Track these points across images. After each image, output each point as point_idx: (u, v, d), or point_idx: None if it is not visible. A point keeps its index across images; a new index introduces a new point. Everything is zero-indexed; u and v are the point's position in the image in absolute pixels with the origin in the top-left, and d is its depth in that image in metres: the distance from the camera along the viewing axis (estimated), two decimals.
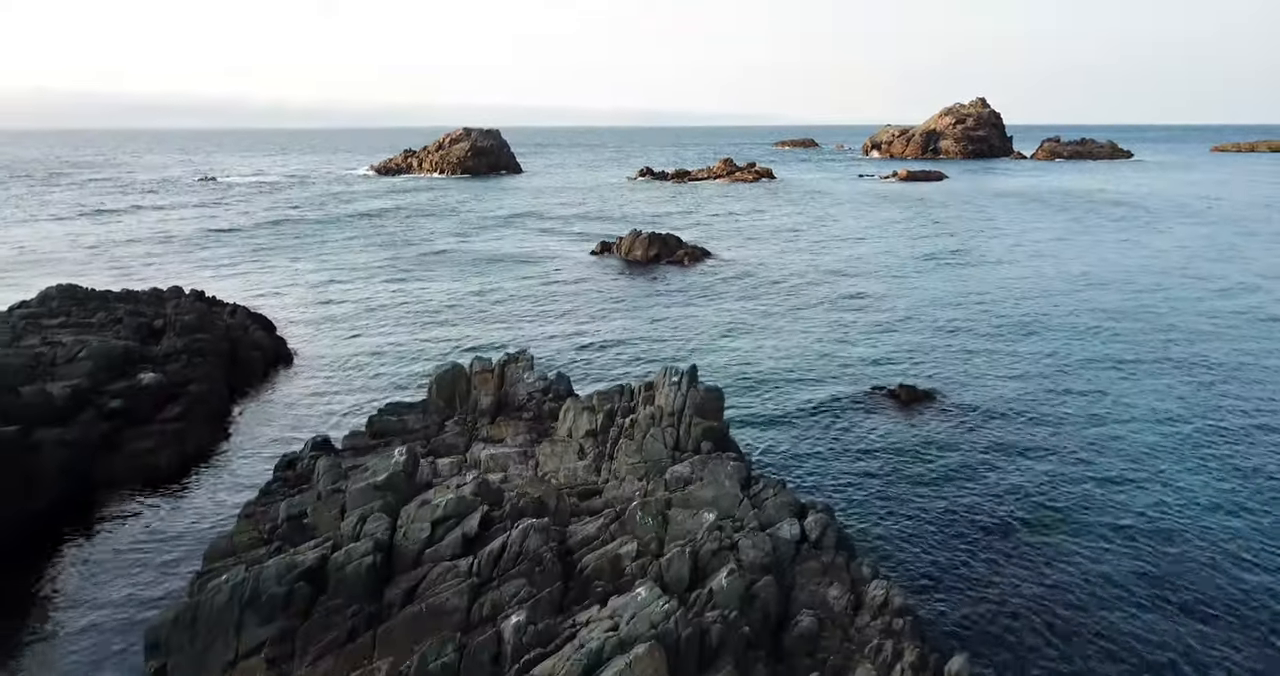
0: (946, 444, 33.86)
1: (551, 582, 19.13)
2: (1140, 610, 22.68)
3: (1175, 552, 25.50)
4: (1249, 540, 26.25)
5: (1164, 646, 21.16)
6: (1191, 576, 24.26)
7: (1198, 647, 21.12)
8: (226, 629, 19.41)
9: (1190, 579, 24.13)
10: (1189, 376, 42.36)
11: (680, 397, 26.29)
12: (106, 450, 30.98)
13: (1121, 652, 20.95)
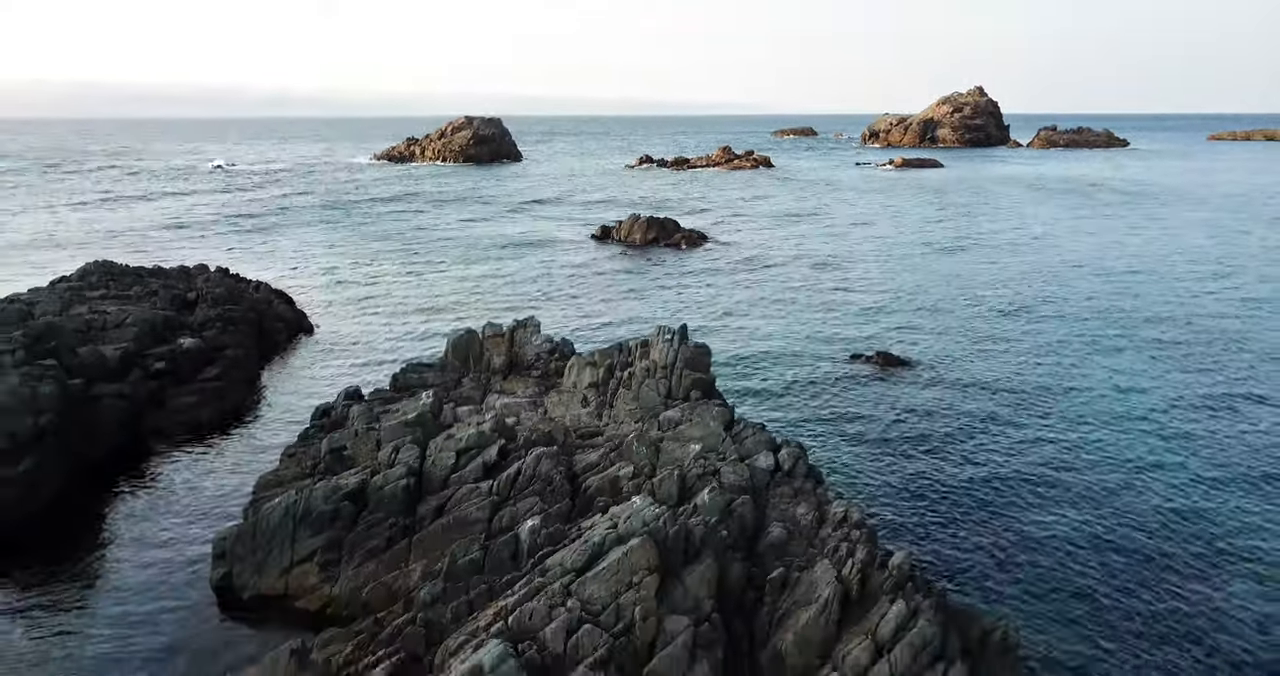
0: (919, 404, 37.10)
1: (560, 499, 22.41)
2: (1084, 549, 25.94)
3: (1121, 504, 28.74)
4: (1190, 496, 29.51)
5: (1106, 581, 24.43)
6: (1132, 522, 27.52)
7: (1131, 581, 24.39)
8: (282, 540, 22.71)
9: (1130, 524, 27.39)
10: (1159, 352, 45.60)
11: (672, 352, 29.52)
12: (154, 406, 34.24)
13: (1061, 582, 24.22)
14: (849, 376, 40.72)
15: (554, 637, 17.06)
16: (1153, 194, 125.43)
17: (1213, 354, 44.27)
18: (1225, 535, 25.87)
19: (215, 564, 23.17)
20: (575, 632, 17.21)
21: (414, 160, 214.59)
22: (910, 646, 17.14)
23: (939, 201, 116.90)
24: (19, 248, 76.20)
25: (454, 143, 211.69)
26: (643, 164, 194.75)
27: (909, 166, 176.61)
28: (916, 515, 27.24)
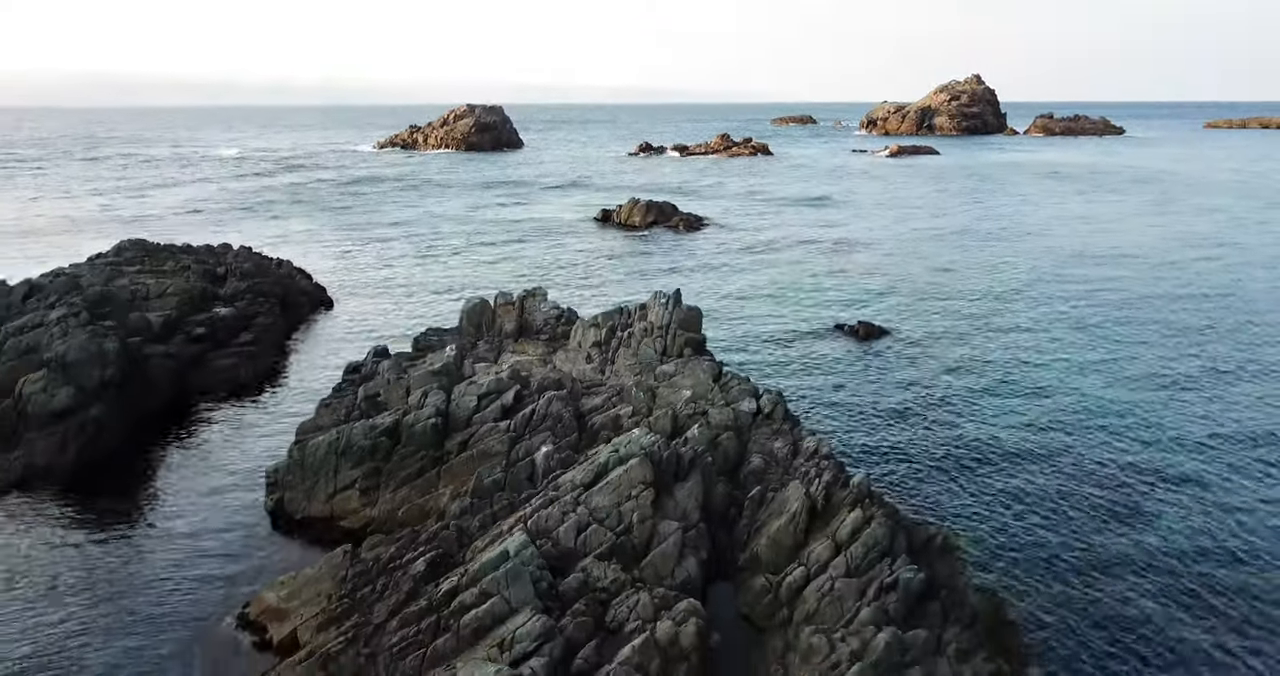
0: (892, 366, 40.49)
1: (569, 434, 25.82)
2: (1028, 466, 29.37)
3: (1074, 459, 32.15)
4: (1139, 440, 32.93)
5: (1059, 524, 27.86)
6: (1081, 474, 30.95)
7: (1079, 523, 27.81)
8: (327, 471, 26.15)
9: (1072, 457, 30.82)
10: (1127, 326, 48.98)
11: (667, 314, 32.90)
12: (197, 366, 37.62)
13: (1015, 517, 27.65)
14: (830, 343, 44.09)
15: (566, 535, 20.50)
16: (1141, 179, 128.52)
17: (1179, 331, 47.62)
18: (1164, 482, 29.29)
19: (269, 492, 26.62)
20: (584, 531, 20.66)
21: (416, 148, 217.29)
22: (864, 545, 20.54)
23: (930, 187, 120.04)
24: (42, 232, 79.44)
25: (456, 130, 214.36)
26: (642, 151, 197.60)
27: (904, 154, 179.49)
28: (876, 448, 30.65)
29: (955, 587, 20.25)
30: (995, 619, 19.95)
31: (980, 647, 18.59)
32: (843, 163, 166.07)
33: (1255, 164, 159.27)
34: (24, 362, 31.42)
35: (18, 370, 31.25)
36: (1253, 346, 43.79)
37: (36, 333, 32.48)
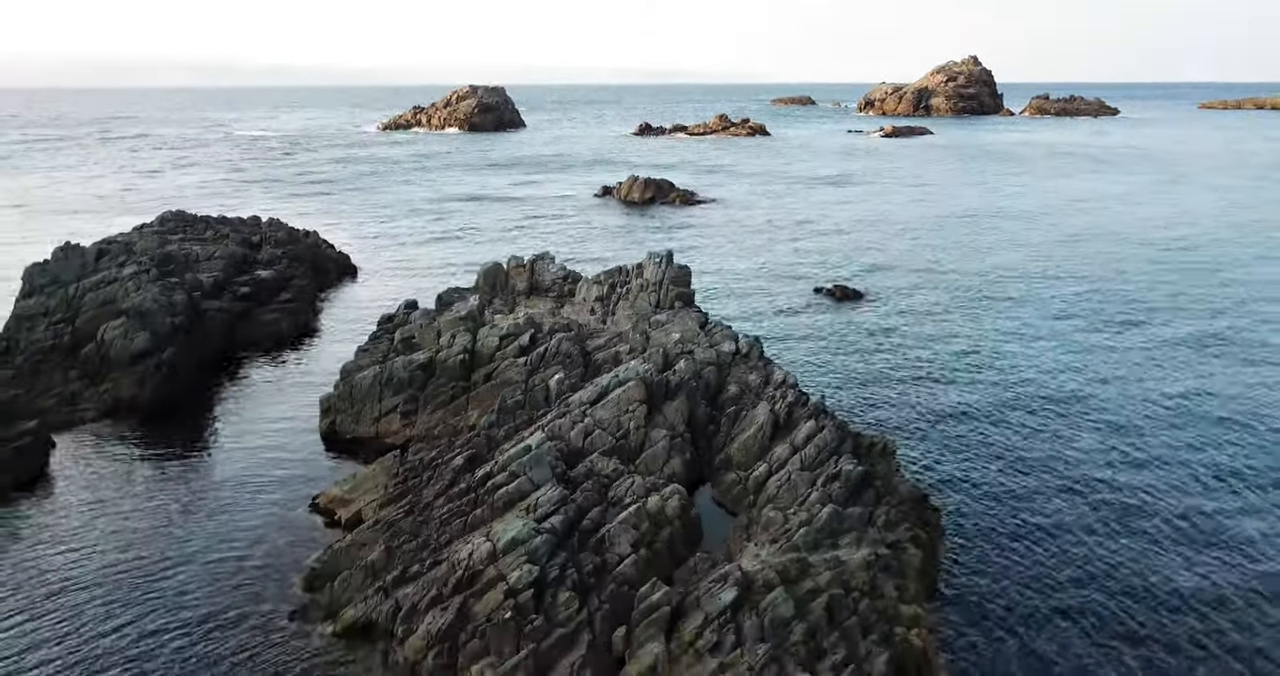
0: (864, 322, 45.30)
1: (577, 367, 30.64)
2: (967, 395, 34.19)
3: (1007, 376, 36.98)
4: (1071, 378, 37.76)
5: (1002, 437, 32.70)
6: (1009, 388, 35.78)
7: (1018, 442, 32.66)
8: (372, 398, 31.02)
9: (1009, 390, 35.65)
10: (1084, 286, 53.74)
11: (661, 272, 37.67)
12: (244, 320, 42.41)
13: (966, 443, 32.49)
14: (811, 304, 48.89)
15: (575, 437, 25.37)
16: (1123, 156, 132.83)
17: (1133, 288, 52.40)
18: (1095, 414, 34.13)
19: (323, 416, 31.51)
20: (590, 435, 25.54)
21: (420, 128, 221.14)
22: (815, 446, 25.42)
23: (918, 166, 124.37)
24: (66, 211, 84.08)
25: (459, 111, 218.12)
26: (642, 132, 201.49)
27: (898, 134, 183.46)
28: (837, 380, 35.48)
29: (889, 479, 25.13)
30: (920, 502, 24.85)
31: (904, 521, 23.47)
32: (837, 143, 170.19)
33: (1232, 143, 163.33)
34: (103, 312, 36.24)
35: (98, 319, 36.07)
36: (1182, 307, 48.56)
37: (112, 287, 37.29)
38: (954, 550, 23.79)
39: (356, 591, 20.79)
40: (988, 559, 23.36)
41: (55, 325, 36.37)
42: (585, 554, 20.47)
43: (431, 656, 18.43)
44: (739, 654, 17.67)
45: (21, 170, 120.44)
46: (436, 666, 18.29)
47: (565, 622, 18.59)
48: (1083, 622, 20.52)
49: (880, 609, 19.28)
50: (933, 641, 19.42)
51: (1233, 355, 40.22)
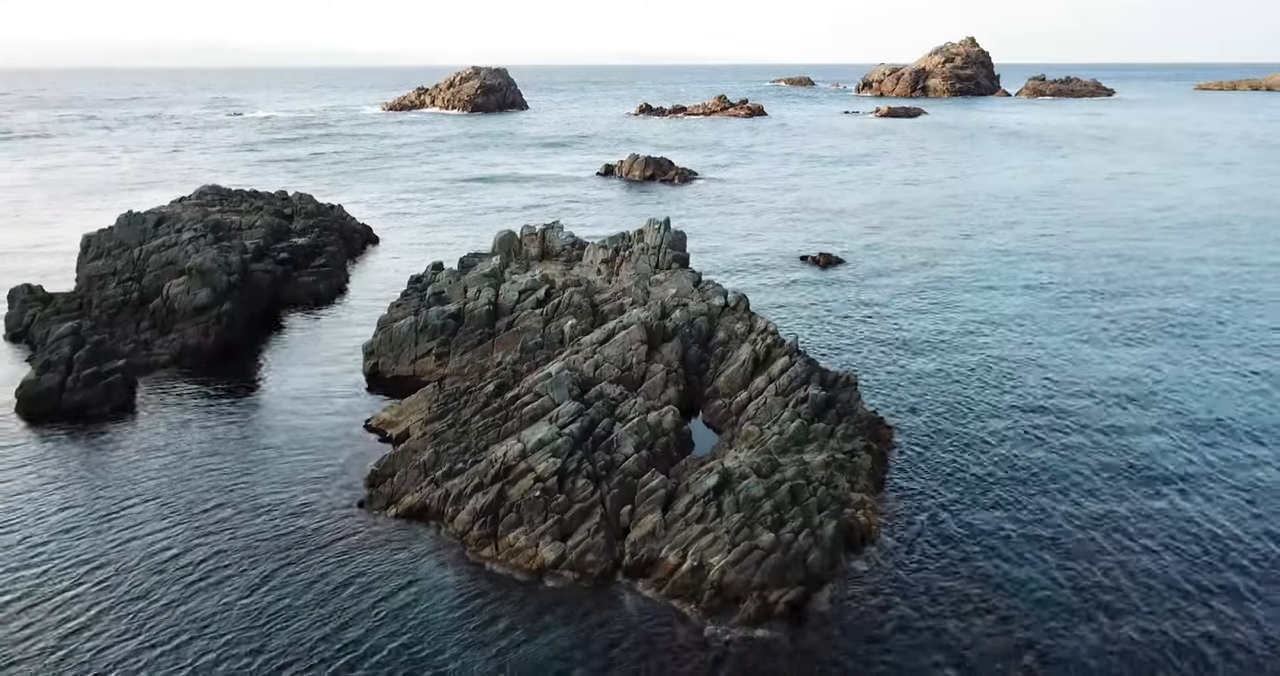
0: (845, 285, 50.05)
1: (587, 316, 35.41)
2: (929, 337, 38.95)
3: (968, 322, 41.74)
4: (1028, 331, 42.53)
5: (968, 387, 37.48)
6: (970, 335, 40.55)
7: (988, 407, 37.44)
8: (410, 342, 35.81)
9: (969, 337, 40.41)
10: (1057, 258, 58.44)
11: (660, 237, 42.38)
12: (284, 282, 47.13)
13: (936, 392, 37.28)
14: (796, 268, 53.61)
15: (587, 369, 30.17)
16: (1106, 137, 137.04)
17: (1103, 260, 57.09)
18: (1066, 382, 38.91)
19: (366, 359, 36.33)
20: (599, 368, 30.35)
21: (423, 108, 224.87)
22: (788, 377, 30.24)
23: (907, 145, 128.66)
24: (98, 187, 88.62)
25: (462, 92, 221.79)
26: (642, 112, 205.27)
27: (893, 115, 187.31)
28: (813, 329, 40.26)
29: (850, 404, 29.95)
30: (875, 422, 29.72)
31: (860, 435, 28.33)
32: (833, 123, 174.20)
33: (1209, 124, 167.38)
34: (167, 271, 41.00)
35: (162, 277, 40.84)
36: (1134, 278, 53.26)
37: (173, 250, 42.02)
38: (902, 458, 28.66)
39: (412, 484, 25.67)
40: (930, 464, 28.22)
41: (124, 283, 41.16)
42: (598, 453, 25.32)
43: (476, 528, 23.31)
44: (719, 522, 22.56)
45: (50, 150, 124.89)
46: (480, 535, 23.18)
47: (583, 501, 23.47)
48: (1009, 510, 25.34)
49: (834, 495, 24.13)
50: (876, 519, 24.31)
51: (1168, 319, 44.99)
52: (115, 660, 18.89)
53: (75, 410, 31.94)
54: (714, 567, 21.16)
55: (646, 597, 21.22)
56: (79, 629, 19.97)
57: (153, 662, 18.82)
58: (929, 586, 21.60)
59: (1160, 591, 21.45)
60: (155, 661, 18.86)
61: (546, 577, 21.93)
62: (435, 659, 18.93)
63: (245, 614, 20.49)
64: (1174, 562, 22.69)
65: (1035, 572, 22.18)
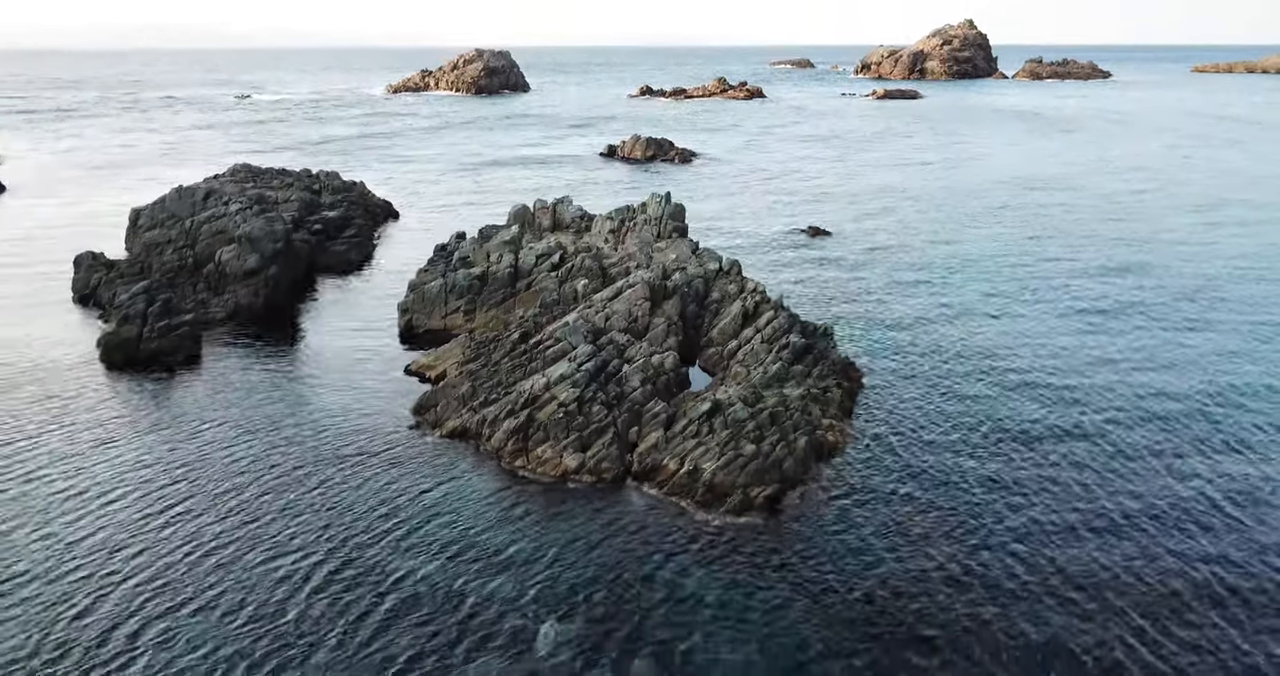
0: (830, 252, 54.64)
1: (597, 277, 40.03)
2: (901, 287, 43.56)
3: (936, 275, 46.34)
4: (1010, 310, 47.15)
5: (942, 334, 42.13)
6: (939, 284, 45.16)
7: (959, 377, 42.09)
8: (440, 301, 40.45)
9: (937, 286, 45.02)
10: (1033, 229, 63.01)
11: (661, 209, 46.96)
12: (319, 251, 51.71)
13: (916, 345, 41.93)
14: (787, 239, 58.19)
15: (598, 321, 34.84)
16: (1091, 118, 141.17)
17: (1075, 232, 61.67)
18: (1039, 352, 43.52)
19: (400, 316, 40.99)
20: (609, 319, 35.01)
21: (428, 90, 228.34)
22: (773, 328, 34.92)
23: (901, 127, 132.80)
24: (118, 171, 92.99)
25: (466, 74, 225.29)
26: (643, 94, 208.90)
27: (889, 97, 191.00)
28: (798, 288, 44.88)
29: (826, 350, 34.62)
30: (847, 365, 34.43)
31: (833, 375, 33.03)
32: (829, 106, 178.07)
33: (1219, 107, 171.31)
34: (218, 239, 45.60)
35: (214, 244, 45.44)
36: (1092, 245, 57.82)
37: (222, 220, 46.62)
38: (869, 394, 33.39)
39: (453, 412, 30.40)
40: (894, 400, 32.94)
41: (179, 250, 45.79)
42: (609, 386, 30.03)
43: (509, 444, 28.06)
44: (710, 437, 27.29)
45: (68, 132, 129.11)
46: (513, 450, 27.93)
47: (598, 422, 28.21)
48: (959, 437, 30.04)
49: (807, 419, 28.85)
50: (842, 438, 29.07)
51: (1133, 282, 49.61)
52: (210, 535, 23.63)
53: (150, 358, 36.57)
54: (706, 471, 25.92)
55: (651, 495, 26.01)
56: (181, 513, 24.73)
57: (241, 538, 23.56)
58: (883, 490, 26.35)
59: (1071, 493, 26.23)
60: (243, 537, 23.60)
61: (569, 481, 26.72)
62: (478, 539, 23.68)
63: (314, 504, 25.24)
64: (1078, 473, 27.46)
65: (972, 481, 26.93)
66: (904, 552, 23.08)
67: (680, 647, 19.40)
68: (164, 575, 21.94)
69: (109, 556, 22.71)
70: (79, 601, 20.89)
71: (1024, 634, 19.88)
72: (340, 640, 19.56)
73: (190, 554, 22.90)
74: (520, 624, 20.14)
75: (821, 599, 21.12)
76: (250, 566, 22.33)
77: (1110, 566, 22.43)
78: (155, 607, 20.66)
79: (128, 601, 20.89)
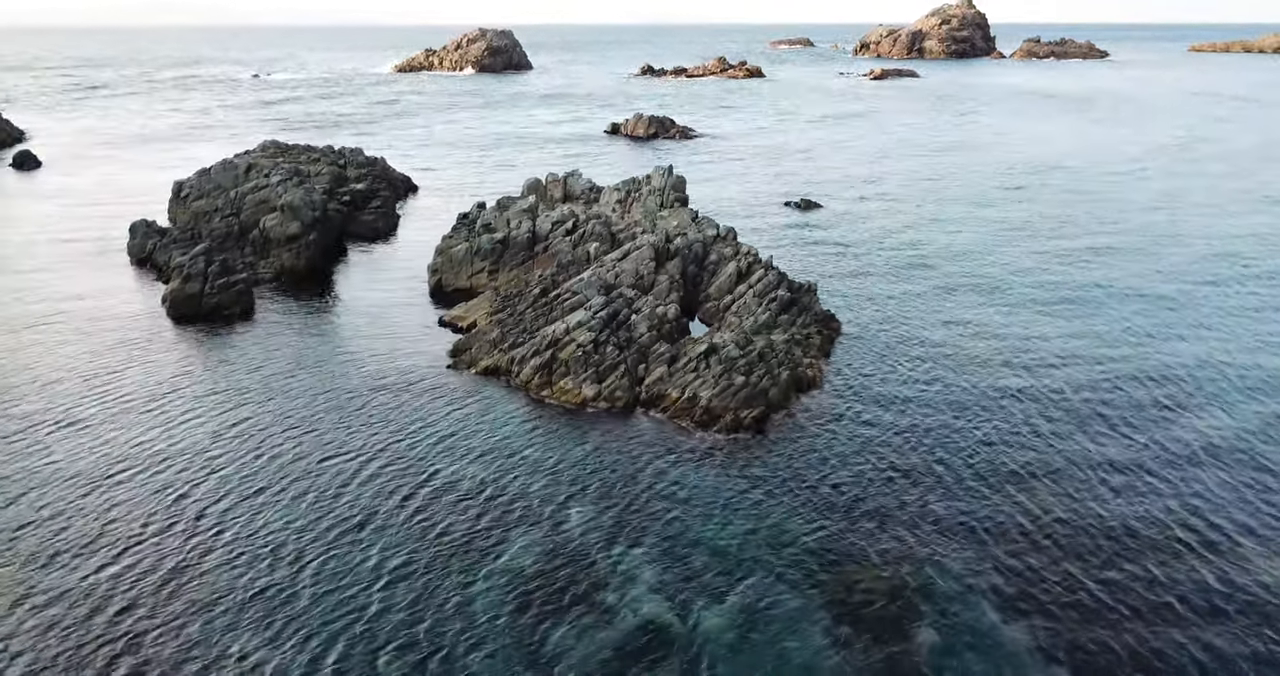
0: (817, 222, 59.21)
1: (607, 241, 44.66)
2: (877, 245, 48.17)
3: (916, 235, 50.94)
4: (980, 271, 51.73)
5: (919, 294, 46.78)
6: (928, 269, 49.73)
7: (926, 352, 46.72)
8: (466, 262, 45.10)
9: (910, 235, 49.60)
10: (1012, 201, 67.50)
11: (664, 181, 51.50)
12: (349, 220, 56.25)
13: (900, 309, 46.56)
14: (780, 209, 62.73)
15: (610, 277, 39.48)
16: (1074, 98, 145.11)
17: (1029, 208, 66.17)
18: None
19: (430, 276, 45.64)
20: (618, 276, 39.68)
21: (432, 70, 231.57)
22: (763, 284, 39.59)
23: (894, 105, 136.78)
24: (145, 146, 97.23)
25: (469, 54, 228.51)
26: (645, 73, 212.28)
27: (886, 77, 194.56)
28: (788, 252, 49.45)
29: (810, 304, 39.30)
30: (828, 317, 39.13)
31: (815, 324, 37.73)
32: (826, 85, 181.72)
33: (1162, 87, 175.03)
34: (261, 208, 50.16)
35: (257, 212, 50.01)
36: (1089, 221, 62.33)
37: (265, 191, 51.15)
38: (846, 341, 38.11)
39: (485, 353, 35.14)
40: (868, 347, 37.65)
41: (226, 218, 50.37)
42: (620, 331, 34.74)
43: (536, 378, 32.80)
44: (706, 371, 32.03)
45: (88, 111, 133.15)
46: (539, 383, 32.68)
47: (611, 360, 32.94)
48: (923, 375, 34.75)
49: (791, 358, 33.60)
50: (820, 375, 33.84)
51: (1102, 249, 54.20)
52: (276, 441, 28.38)
53: (211, 311, 41.24)
54: (703, 398, 30.69)
55: (657, 418, 30.79)
56: (250, 427, 29.47)
57: (304, 443, 28.33)
58: (854, 414, 31.12)
59: (1017, 420, 31.02)
60: (305, 442, 28.37)
61: (587, 407, 31.51)
62: (511, 448, 28.45)
63: (364, 421, 29.98)
64: (1018, 401, 32.23)
65: (933, 407, 31.70)
66: (869, 459, 27.88)
67: (681, 529, 24.21)
68: (241, 471, 26.76)
69: (192, 459, 27.49)
70: (179, 488, 25.70)
71: (966, 514, 24.69)
72: (389, 519, 24.35)
73: (260, 455, 27.72)
74: (550, 509, 24.95)
75: (799, 494, 25.92)
76: (312, 463, 27.17)
77: (1040, 465, 27.22)
78: (239, 493, 25.49)
79: (216, 489, 25.72)
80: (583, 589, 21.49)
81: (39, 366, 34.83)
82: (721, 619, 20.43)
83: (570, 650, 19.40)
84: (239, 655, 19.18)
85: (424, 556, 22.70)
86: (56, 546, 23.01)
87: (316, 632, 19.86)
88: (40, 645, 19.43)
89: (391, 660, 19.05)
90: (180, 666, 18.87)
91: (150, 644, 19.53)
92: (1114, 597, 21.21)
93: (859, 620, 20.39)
